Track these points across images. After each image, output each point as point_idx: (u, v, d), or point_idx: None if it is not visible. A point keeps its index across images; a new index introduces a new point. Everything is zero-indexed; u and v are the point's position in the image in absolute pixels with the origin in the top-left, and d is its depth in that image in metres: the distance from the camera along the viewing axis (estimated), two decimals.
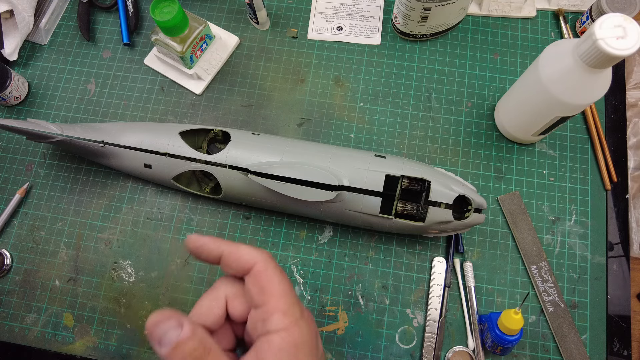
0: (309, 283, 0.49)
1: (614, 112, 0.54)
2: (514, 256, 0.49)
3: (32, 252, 0.51)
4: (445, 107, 0.54)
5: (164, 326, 0.25)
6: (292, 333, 0.27)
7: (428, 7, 0.49)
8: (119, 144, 0.47)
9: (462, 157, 0.52)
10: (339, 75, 0.56)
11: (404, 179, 0.43)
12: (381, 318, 0.48)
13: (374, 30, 0.57)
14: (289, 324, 0.27)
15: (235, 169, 0.44)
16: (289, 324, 0.27)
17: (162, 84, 0.56)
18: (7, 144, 0.55)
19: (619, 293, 0.48)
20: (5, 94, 0.53)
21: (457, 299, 0.48)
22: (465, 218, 0.43)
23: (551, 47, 0.41)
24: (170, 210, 0.52)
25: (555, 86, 0.40)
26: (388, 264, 0.49)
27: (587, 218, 0.50)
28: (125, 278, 0.50)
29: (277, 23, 0.58)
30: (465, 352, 0.46)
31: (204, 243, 0.30)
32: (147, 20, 0.59)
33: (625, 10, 0.50)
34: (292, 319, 0.27)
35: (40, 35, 0.58)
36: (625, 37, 0.34)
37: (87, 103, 0.56)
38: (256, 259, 0.29)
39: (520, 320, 0.41)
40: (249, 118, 0.55)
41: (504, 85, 0.55)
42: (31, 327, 0.49)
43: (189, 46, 0.51)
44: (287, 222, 0.51)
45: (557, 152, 0.52)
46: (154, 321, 0.25)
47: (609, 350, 0.46)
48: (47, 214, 0.52)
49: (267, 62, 0.57)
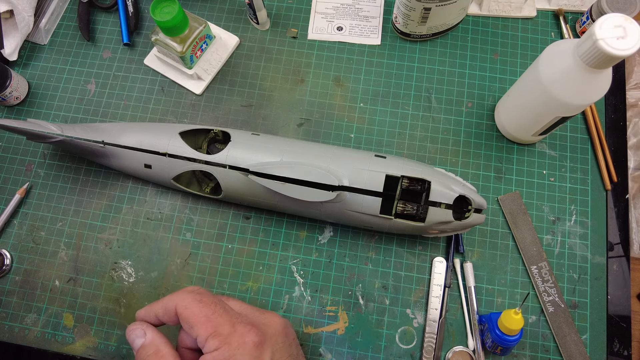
0: (309, 283, 0.49)
1: (614, 112, 0.54)
2: (514, 256, 0.49)
3: (32, 252, 0.51)
4: (445, 107, 0.54)
5: (133, 334, 0.34)
6: (223, 351, 0.31)
7: (428, 7, 0.49)
8: (118, 144, 0.47)
9: (462, 157, 0.52)
10: (339, 75, 0.56)
11: (404, 179, 0.43)
12: (381, 318, 0.48)
13: (374, 30, 0.57)
14: (218, 343, 0.31)
15: (235, 169, 0.44)
16: (219, 343, 0.31)
17: (162, 84, 0.56)
18: (7, 144, 0.55)
19: (619, 293, 0.48)
20: (5, 94, 0.53)
21: (457, 299, 0.48)
22: (466, 218, 0.43)
23: (551, 47, 0.41)
24: (170, 210, 0.52)
25: (555, 86, 0.40)
26: (388, 264, 0.49)
27: (587, 218, 0.50)
28: (125, 278, 0.50)
29: (277, 23, 0.58)
30: (465, 353, 0.46)
31: (141, 317, 0.36)
32: (147, 20, 0.59)
33: (626, 10, 0.50)
34: (221, 338, 0.32)
35: (40, 35, 0.58)
36: (626, 37, 0.34)
37: (87, 103, 0.56)
38: (175, 301, 0.34)
39: (521, 321, 0.41)
40: (249, 118, 0.55)
41: (504, 85, 0.55)
42: (31, 327, 0.49)
43: (189, 46, 0.51)
44: (287, 222, 0.51)
45: (557, 152, 0.52)
46: (129, 329, 0.34)
47: (609, 351, 0.46)
48: (47, 214, 0.52)
49: (267, 62, 0.57)
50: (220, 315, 0.33)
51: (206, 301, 0.33)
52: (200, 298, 0.33)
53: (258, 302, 0.49)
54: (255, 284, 0.49)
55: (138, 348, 0.34)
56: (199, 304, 0.33)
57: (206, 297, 0.34)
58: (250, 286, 0.49)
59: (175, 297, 0.34)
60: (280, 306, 0.48)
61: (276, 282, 0.49)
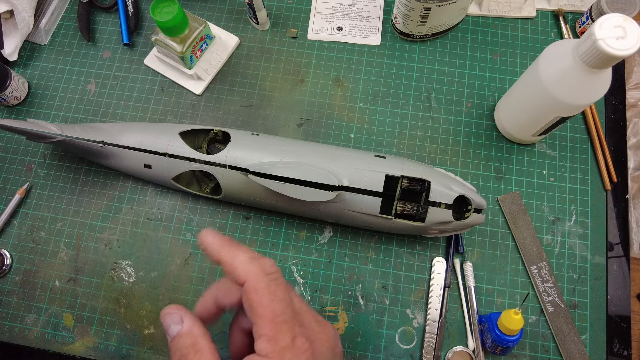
0: (309, 283, 0.49)
1: (614, 112, 0.54)
2: (514, 256, 0.49)
3: (32, 252, 0.51)
4: (445, 107, 0.54)
5: (169, 318, 0.30)
6: None
7: (428, 7, 0.49)
8: (118, 144, 0.47)
9: (462, 157, 0.52)
10: (339, 75, 0.56)
11: (404, 179, 0.43)
12: (381, 318, 0.48)
13: (374, 30, 0.57)
14: (272, 352, 0.27)
15: (235, 169, 0.44)
16: (272, 352, 0.27)
17: (162, 84, 0.56)
18: (7, 144, 0.55)
19: (619, 293, 0.48)
20: (5, 94, 0.53)
21: (457, 299, 0.48)
22: (465, 218, 0.43)
23: (551, 47, 0.41)
24: (170, 211, 0.52)
25: (555, 86, 0.40)
26: (388, 264, 0.49)
27: (587, 218, 0.50)
28: (125, 278, 0.50)
29: (277, 23, 0.58)
30: (465, 353, 0.46)
31: (206, 246, 0.31)
32: (147, 21, 0.59)
33: (625, 11, 0.50)
34: (277, 347, 0.27)
35: (40, 36, 0.58)
36: (625, 38, 0.34)
37: (87, 103, 0.56)
38: (247, 276, 0.29)
39: (520, 321, 0.41)
40: (249, 118, 0.55)
41: (504, 85, 0.55)
42: (31, 328, 0.49)
43: (189, 46, 0.51)
44: (287, 222, 0.51)
45: (557, 152, 0.52)
46: (165, 312, 0.31)
47: (609, 351, 0.46)
48: (47, 214, 0.52)
49: (267, 62, 0.57)
50: (286, 321, 0.29)
51: (279, 295, 0.29)
52: (275, 288, 0.29)
53: None
54: None
55: (174, 336, 0.30)
56: (272, 295, 0.29)
57: (281, 288, 0.30)
58: None
59: (247, 268, 0.29)
60: None
61: None
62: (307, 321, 0.32)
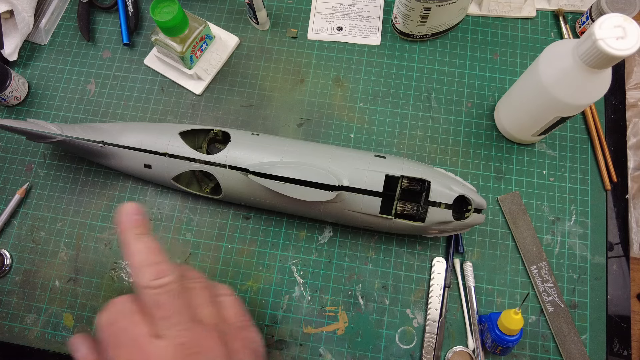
0: (308, 283, 0.49)
1: (614, 112, 0.54)
2: (514, 256, 0.49)
3: (32, 252, 0.51)
4: (445, 107, 0.54)
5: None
6: None
7: (428, 7, 0.49)
8: (118, 144, 0.47)
9: (462, 157, 0.52)
10: (339, 75, 0.56)
11: (404, 179, 0.43)
12: (381, 318, 0.48)
13: (374, 30, 0.57)
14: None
15: (235, 169, 0.44)
16: None
17: (162, 84, 0.56)
18: (7, 144, 0.55)
19: (619, 293, 0.48)
20: (5, 94, 0.53)
21: (457, 299, 0.48)
22: (465, 218, 0.43)
23: (551, 47, 0.41)
24: (170, 210, 0.52)
25: (555, 86, 0.40)
26: (388, 264, 0.49)
27: (587, 218, 0.50)
28: (125, 278, 0.50)
29: (277, 23, 0.58)
30: (465, 353, 0.46)
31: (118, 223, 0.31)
32: (147, 21, 0.59)
33: (625, 11, 0.50)
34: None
35: (40, 36, 0.58)
36: (625, 38, 0.34)
37: (87, 103, 0.56)
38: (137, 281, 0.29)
39: (520, 321, 0.41)
40: (249, 118, 0.55)
41: (504, 85, 0.55)
42: (31, 327, 0.49)
43: (189, 46, 0.51)
44: (287, 222, 0.51)
45: (557, 152, 0.52)
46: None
47: (609, 351, 0.46)
48: (47, 214, 0.52)
49: (267, 62, 0.57)
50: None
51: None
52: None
53: (258, 302, 0.49)
54: (255, 284, 0.49)
55: None
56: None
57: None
58: (250, 286, 0.49)
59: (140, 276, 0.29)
60: (280, 306, 0.48)
61: (276, 282, 0.49)
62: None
